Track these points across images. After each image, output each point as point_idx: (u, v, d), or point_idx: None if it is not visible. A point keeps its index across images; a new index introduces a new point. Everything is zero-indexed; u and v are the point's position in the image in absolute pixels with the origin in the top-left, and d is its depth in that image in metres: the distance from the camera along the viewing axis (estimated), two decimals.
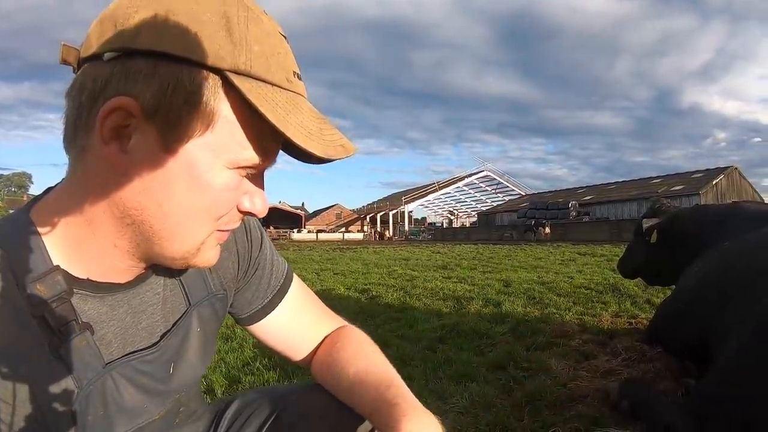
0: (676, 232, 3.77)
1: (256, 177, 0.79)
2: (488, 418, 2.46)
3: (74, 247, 0.74)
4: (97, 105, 0.65)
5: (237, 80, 0.65)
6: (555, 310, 5.36)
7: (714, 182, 38.06)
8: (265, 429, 1.07)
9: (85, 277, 0.76)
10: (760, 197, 41.83)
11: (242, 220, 0.84)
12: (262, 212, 0.81)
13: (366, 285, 8.17)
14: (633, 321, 4.74)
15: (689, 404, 2.17)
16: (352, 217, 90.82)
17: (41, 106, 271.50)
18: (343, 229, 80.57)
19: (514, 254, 15.48)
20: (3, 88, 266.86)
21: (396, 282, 8.49)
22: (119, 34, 0.64)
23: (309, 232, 69.53)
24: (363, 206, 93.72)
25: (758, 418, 1.81)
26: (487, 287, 7.42)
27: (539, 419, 2.48)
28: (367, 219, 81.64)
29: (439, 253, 17.70)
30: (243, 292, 1.08)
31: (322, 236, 63.48)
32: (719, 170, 40.85)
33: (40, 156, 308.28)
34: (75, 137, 0.70)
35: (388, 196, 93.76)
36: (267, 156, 0.75)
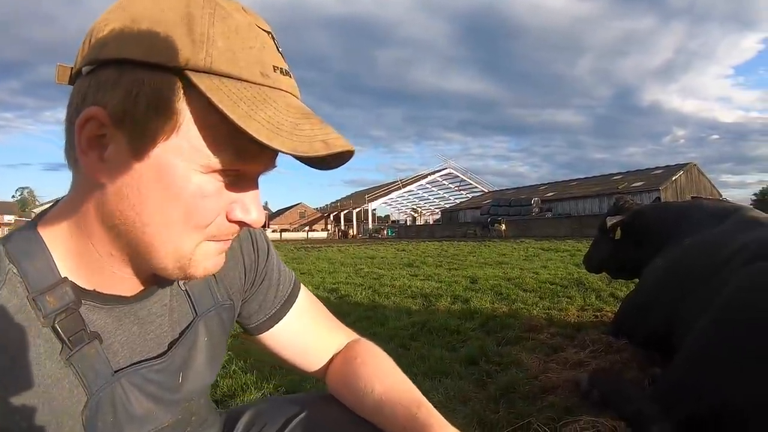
0: (639, 228, 3.89)
1: (247, 182, 0.76)
2: (465, 412, 2.52)
3: (79, 259, 0.76)
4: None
5: (196, 78, 0.64)
6: (522, 306, 5.46)
7: (673, 178, 38.70)
8: None
9: (92, 289, 0.77)
10: (719, 192, 42.76)
11: (240, 230, 0.80)
12: (257, 222, 0.77)
13: (334, 284, 8.16)
14: (598, 314, 4.88)
15: (656, 392, 2.26)
16: (316, 216, 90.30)
17: None
18: (307, 228, 79.98)
19: (478, 251, 15.55)
20: None
21: (363, 280, 8.49)
22: (92, 47, 0.67)
23: (273, 231, 68.83)
24: (327, 205, 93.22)
25: (721, 402, 1.90)
26: (454, 284, 7.49)
27: (514, 411, 2.55)
28: (331, 218, 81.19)
29: (404, 251, 17.69)
30: (250, 302, 1.08)
31: (286, 235, 62.96)
32: (678, 167, 41.58)
33: None
34: (70, 151, 0.72)
35: (352, 194, 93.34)
36: (245, 158, 0.70)
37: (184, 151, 0.67)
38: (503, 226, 34.65)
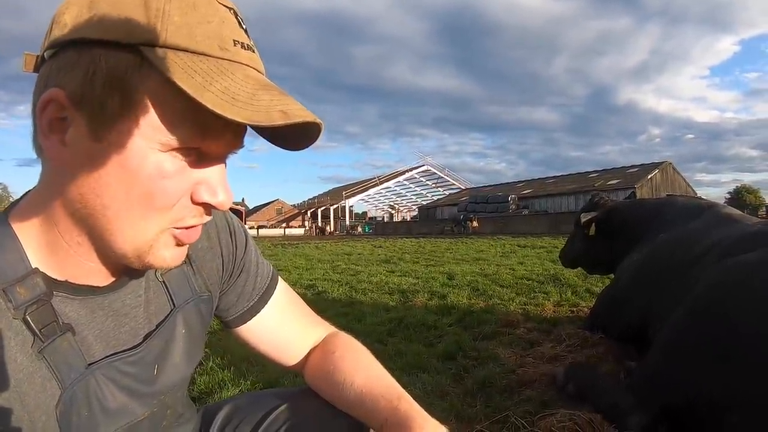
0: (614, 224, 3.94)
1: (213, 163, 0.73)
2: (443, 406, 2.53)
3: (49, 249, 0.74)
4: None
5: (149, 53, 0.62)
6: (499, 301, 5.50)
7: (649, 176, 39.11)
8: None
9: (63, 280, 0.75)
10: (693, 191, 43.32)
11: (208, 215, 0.77)
12: (225, 204, 0.75)
13: (311, 280, 8.14)
14: (574, 309, 4.93)
15: (631, 384, 2.29)
16: (293, 213, 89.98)
17: None
18: (284, 225, 79.70)
19: (455, 247, 15.62)
20: None
21: (341, 277, 8.49)
22: (53, 31, 0.66)
23: (250, 228, 68.48)
24: (304, 201, 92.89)
25: (695, 392, 1.93)
26: (431, 280, 7.51)
27: (491, 404, 2.57)
28: (308, 214, 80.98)
29: (381, 247, 17.69)
30: (228, 294, 1.07)
31: (263, 232, 62.60)
32: (654, 165, 42.07)
33: None
34: (35, 139, 0.70)
35: (329, 190, 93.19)
36: (206, 134, 0.68)
37: (142, 129, 0.65)
38: (475, 223, 35.06)
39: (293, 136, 0.75)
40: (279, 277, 1.17)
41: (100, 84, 0.63)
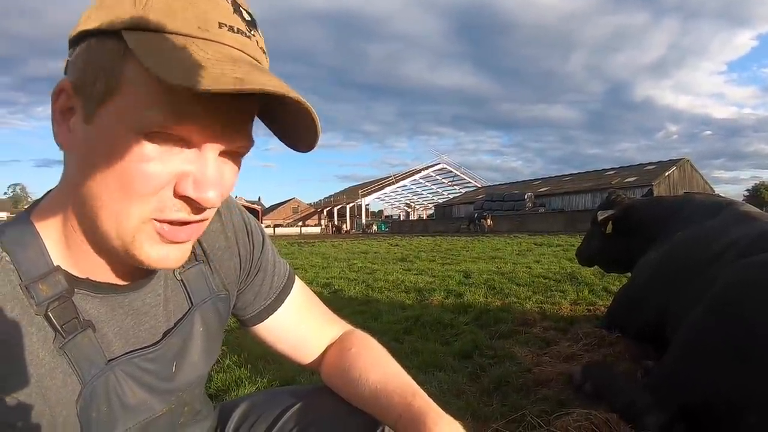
0: (631, 222, 3.91)
1: (205, 157, 0.70)
2: (459, 405, 2.52)
3: (68, 247, 0.76)
4: None
5: (126, 35, 0.63)
6: (516, 300, 5.47)
7: (666, 174, 38.72)
8: (275, 430, 1.07)
9: (84, 277, 0.77)
10: (711, 188, 42.88)
11: (198, 213, 0.73)
12: (211, 201, 0.71)
13: (327, 279, 8.15)
14: (591, 308, 4.90)
15: (648, 383, 2.28)
16: (309, 211, 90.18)
17: None
18: (301, 223, 79.93)
19: (471, 246, 15.57)
20: None
21: (357, 275, 8.49)
22: (72, 31, 0.69)
23: (267, 226, 68.75)
24: (320, 200, 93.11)
25: (712, 392, 1.92)
26: (447, 278, 7.49)
27: (507, 403, 2.56)
28: (325, 213, 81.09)
29: (397, 245, 17.70)
30: (245, 293, 1.08)
31: (280, 231, 62.80)
32: (672, 162, 41.59)
33: None
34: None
35: (345, 189, 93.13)
36: (182, 116, 0.65)
37: (122, 114, 0.65)
38: (489, 221, 34.89)
39: (293, 128, 0.74)
40: (296, 276, 1.18)
41: (91, 70, 0.66)
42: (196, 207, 0.72)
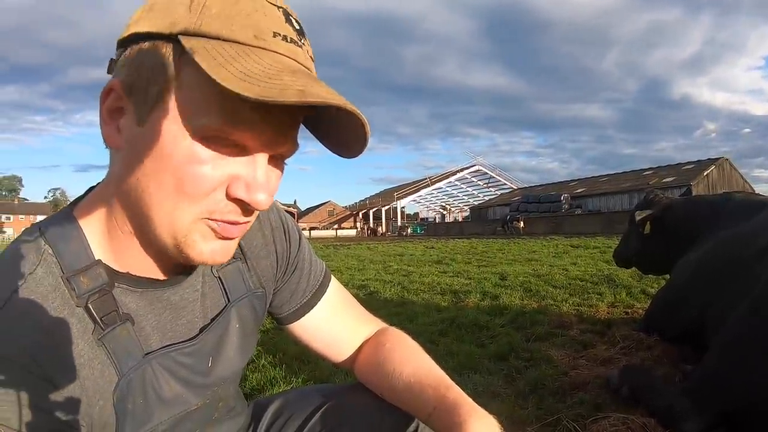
0: (670, 222, 3.84)
1: (257, 161, 0.73)
2: (493, 408, 2.46)
3: (110, 241, 0.78)
4: None
5: (185, 40, 0.65)
6: (552, 302, 5.42)
7: (705, 173, 37.90)
8: (308, 427, 1.09)
9: (125, 271, 0.79)
10: (751, 187, 41.81)
11: (248, 215, 0.76)
12: (261, 204, 0.73)
13: (363, 281, 8.18)
14: (629, 311, 4.81)
15: (689, 387, 2.23)
16: (345, 214, 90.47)
17: (29, 108, 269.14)
18: (336, 226, 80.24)
19: (507, 248, 15.44)
20: None
21: (392, 277, 8.49)
22: (121, 34, 0.71)
23: (302, 229, 68.91)
24: (355, 203, 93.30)
25: (754, 397, 1.88)
26: (483, 281, 7.44)
27: (543, 407, 2.54)
28: (360, 215, 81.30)
29: (433, 248, 17.63)
30: (282, 291, 1.09)
31: (316, 233, 63.23)
32: (710, 161, 40.67)
33: (30, 159, 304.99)
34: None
35: (381, 191, 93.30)
36: (237, 122, 0.67)
37: (177, 116, 0.67)
38: (522, 224, 34.87)
39: (339, 134, 0.76)
40: (332, 275, 1.19)
41: (145, 72, 0.68)
42: (247, 209, 0.75)
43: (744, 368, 1.99)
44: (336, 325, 1.15)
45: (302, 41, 0.73)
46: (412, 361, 1.06)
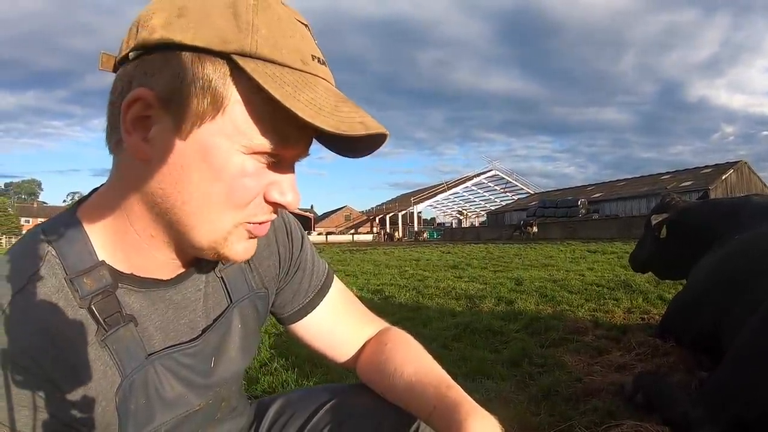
0: (687, 226, 3.79)
1: (284, 167, 0.79)
2: (505, 414, 2.46)
3: (117, 242, 0.79)
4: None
5: (242, 62, 0.67)
6: (567, 307, 5.39)
7: (723, 177, 37.64)
8: (309, 426, 1.10)
9: (128, 272, 0.80)
10: None
11: (276, 213, 0.83)
12: (293, 204, 0.80)
13: (378, 285, 8.19)
14: (645, 316, 4.77)
15: (703, 395, 2.20)
16: (362, 219, 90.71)
17: (46, 113, 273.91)
18: (353, 231, 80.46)
19: (524, 253, 15.40)
20: (7, 97, 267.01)
21: (408, 282, 8.50)
22: (140, 34, 0.69)
23: (319, 234, 69.48)
24: (372, 208, 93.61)
25: None
26: (498, 286, 7.41)
27: (555, 413, 2.51)
28: (377, 220, 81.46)
29: (449, 253, 17.63)
30: (284, 292, 1.10)
31: (332, 238, 63.50)
32: (728, 165, 40.42)
33: (48, 163, 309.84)
34: (112, 135, 0.76)
35: (397, 197, 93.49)
36: (287, 141, 0.74)
37: (227, 132, 0.70)
38: (535, 228, 35.20)
39: (360, 145, 0.80)
40: (334, 276, 1.20)
41: (189, 86, 0.68)
42: (277, 209, 0.81)
43: (758, 377, 1.95)
44: (338, 325, 1.15)
45: (324, 58, 0.78)
46: (413, 361, 1.06)
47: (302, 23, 0.76)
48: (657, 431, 2.07)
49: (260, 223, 0.81)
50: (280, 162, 0.77)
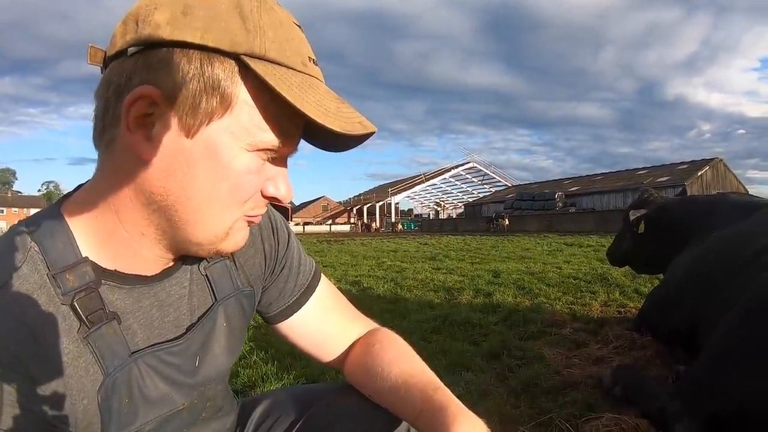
0: (664, 222, 3.84)
1: (279, 162, 0.81)
2: (485, 406, 2.50)
3: (103, 239, 0.77)
4: (122, 98, 0.69)
5: (253, 63, 0.68)
6: (545, 300, 5.43)
7: (699, 174, 38.03)
8: (296, 429, 1.09)
9: (113, 269, 0.78)
10: (745, 188, 41.90)
11: (267, 207, 0.86)
12: (287, 197, 0.82)
13: (356, 277, 8.19)
14: (622, 310, 4.82)
15: (680, 388, 2.23)
16: (339, 209, 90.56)
17: (23, 101, 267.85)
18: (330, 222, 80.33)
19: (501, 245, 15.49)
20: None
21: (386, 274, 8.51)
22: (141, 29, 0.68)
23: (296, 224, 69.20)
24: (350, 198, 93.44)
25: (745, 400, 1.87)
26: (476, 278, 7.45)
27: (535, 406, 2.54)
28: (354, 211, 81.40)
29: (426, 244, 17.69)
30: (270, 290, 1.08)
31: (310, 228, 63.20)
32: (704, 162, 40.80)
33: (23, 152, 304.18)
34: (103, 131, 0.74)
35: (375, 187, 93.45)
36: (287, 139, 0.77)
37: (234, 130, 0.72)
38: (506, 221, 36.14)
39: (351, 143, 0.82)
40: (321, 274, 1.18)
41: (197, 85, 0.68)
42: (272, 200, 0.83)
43: (734, 371, 1.98)
44: (325, 324, 1.14)
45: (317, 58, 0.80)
46: (400, 363, 1.05)
47: (297, 25, 0.78)
48: (635, 424, 2.09)
49: (255, 216, 0.84)
50: (279, 156, 0.80)
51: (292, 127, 0.76)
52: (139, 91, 0.67)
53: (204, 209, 0.75)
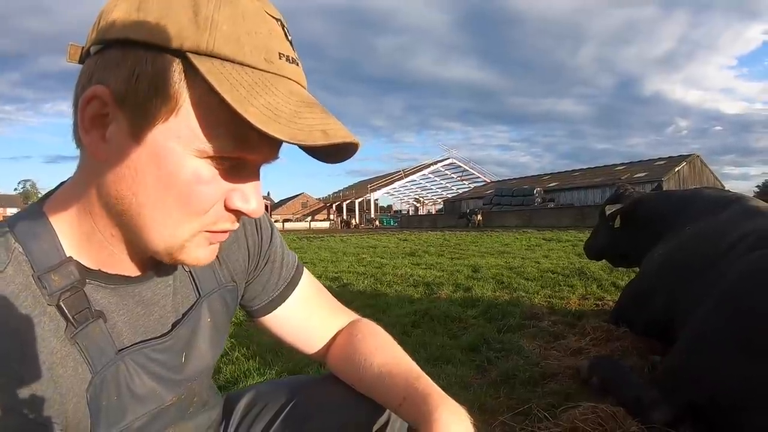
0: (640, 216, 3.90)
1: (248, 172, 0.75)
2: (466, 398, 2.52)
3: (83, 239, 0.76)
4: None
5: (197, 60, 0.63)
6: (524, 294, 5.48)
7: (676, 169, 38.43)
8: (280, 419, 1.09)
9: (96, 268, 0.78)
10: (721, 184, 42.43)
11: (239, 221, 0.79)
12: (255, 212, 0.76)
13: (336, 273, 8.16)
14: (599, 303, 4.89)
15: (655, 378, 2.28)
16: (318, 206, 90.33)
17: None
18: (310, 218, 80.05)
19: (480, 241, 15.53)
20: None
21: (366, 269, 8.48)
22: (101, 28, 0.67)
23: (275, 221, 68.53)
24: (329, 195, 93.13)
25: (720, 388, 1.92)
26: (456, 273, 7.49)
27: (514, 397, 2.57)
28: (334, 207, 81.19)
29: (406, 240, 17.67)
30: (254, 285, 1.09)
31: (289, 225, 62.77)
32: (681, 158, 41.29)
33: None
34: (76, 131, 0.71)
35: (354, 184, 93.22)
36: (245, 145, 0.69)
37: (181, 135, 0.66)
38: (479, 217, 36.73)
39: (330, 153, 0.76)
40: (304, 268, 1.19)
41: (143, 85, 0.64)
42: (239, 216, 0.77)
43: (709, 361, 2.03)
44: (308, 317, 1.15)
45: (298, 57, 0.74)
46: (382, 352, 1.06)
47: (273, 17, 0.71)
48: (612, 412, 2.13)
49: (222, 232, 0.78)
50: (243, 167, 0.74)
51: (252, 132, 0.63)
52: (91, 92, 0.66)
53: (155, 218, 0.71)
